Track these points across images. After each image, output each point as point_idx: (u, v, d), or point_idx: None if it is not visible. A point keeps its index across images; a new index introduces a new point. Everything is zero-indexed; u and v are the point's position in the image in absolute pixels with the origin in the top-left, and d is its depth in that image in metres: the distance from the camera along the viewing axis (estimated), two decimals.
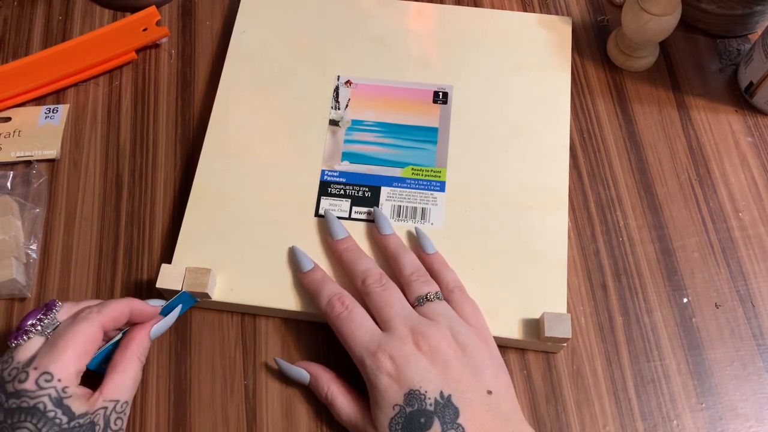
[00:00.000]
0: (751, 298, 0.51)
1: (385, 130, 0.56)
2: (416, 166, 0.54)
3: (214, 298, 0.49)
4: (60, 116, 0.58)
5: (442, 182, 0.53)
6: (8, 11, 0.64)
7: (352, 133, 0.55)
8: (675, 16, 0.54)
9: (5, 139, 0.56)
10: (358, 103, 0.57)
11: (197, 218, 0.52)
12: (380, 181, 0.54)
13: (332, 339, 0.50)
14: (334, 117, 0.56)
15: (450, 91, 0.57)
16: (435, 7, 0.61)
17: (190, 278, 0.48)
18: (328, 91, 0.57)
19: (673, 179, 0.55)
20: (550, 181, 0.53)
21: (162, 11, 0.63)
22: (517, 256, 0.51)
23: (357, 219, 0.52)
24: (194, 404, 0.48)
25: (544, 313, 0.47)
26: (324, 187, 0.53)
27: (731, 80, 0.60)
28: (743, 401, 0.48)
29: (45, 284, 0.52)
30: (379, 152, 0.55)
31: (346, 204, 0.53)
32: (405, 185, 0.53)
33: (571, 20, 0.60)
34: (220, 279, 0.50)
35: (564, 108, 0.56)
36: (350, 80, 0.57)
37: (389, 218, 0.52)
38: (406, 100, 0.57)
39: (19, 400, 0.39)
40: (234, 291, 0.50)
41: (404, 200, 0.53)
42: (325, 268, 0.50)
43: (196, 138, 0.57)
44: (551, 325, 0.46)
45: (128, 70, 0.61)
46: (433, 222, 0.52)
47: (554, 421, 0.47)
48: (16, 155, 0.56)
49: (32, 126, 0.57)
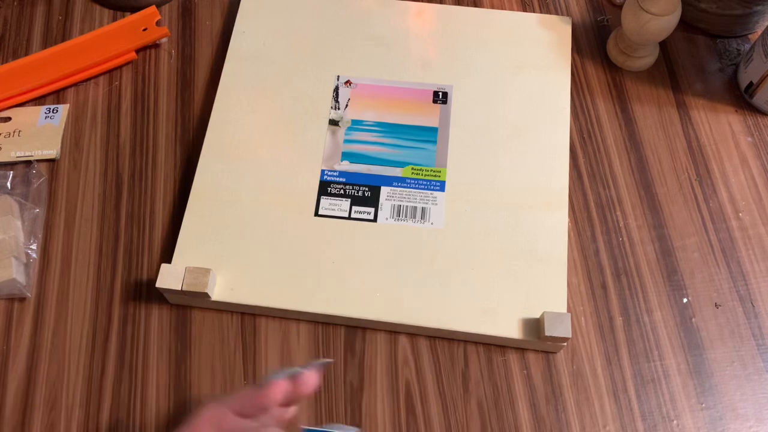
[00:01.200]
0: (751, 298, 0.51)
1: (384, 130, 0.56)
2: (416, 165, 0.54)
3: (213, 298, 0.49)
4: (60, 116, 0.58)
5: (442, 182, 0.53)
6: (8, 11, 0.64)
7: (351, 132, 0.55)
8: (675, 16, 0.54)
9: (5, 139, 0.56)
10: (357, 103, 0.57)
11: (197, 218, 0.52)
12: (380, 180, 0.54)
13: (331, 339, 0.50)
14: (333, 117, 0.56)
15: (450, 91, 0.57)
16: (435, 8, 0.61)
17: (190, 278, 0.48)
18: (328, 91, 0.57)
19: (673, 179, 0.55)
20: (551, 180, 0.53)
21: (162, 11, 0.63)
22: (517, 256, 0.51)
23: (357, 219, 0.52)
24: (194, 404, 0.48)
25: (545, 313, 0.47)
26: (324, 187, 0.53)
27: (731, 80, 0.60)
28: (743, 401, 0.48)
29: (45, 284, 0.52)
30: (379, 152, 0.55)
31: (346, 204, 0.53)
32: (405, 185, 0.53)
33: (571, 20, 0.60)
34: (220, 279, 0.50)
35: (564, 108, 0.56)
36: (350, 80, 0.57)
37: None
38: (406, 99, 0.57)
39: None
40: (234, 291, 0.50)
41: (404, 200, 0.53)
42: (320, 271, 0.50)
43: (196, 138, 0.57)
44: (551, 325, 0.46)
45: (128, 70, 0.61)
46: (434, 222, 0.52)
47: (554, 421, 0.47)
48: (16, 155, 0.56)
49: (32, 126, 0.57)
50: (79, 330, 0.50)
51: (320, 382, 0.44)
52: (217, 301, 0.49)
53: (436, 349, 0.49)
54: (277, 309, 0.49)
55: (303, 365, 0.41)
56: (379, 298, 0.49)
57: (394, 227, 0.52)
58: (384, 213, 0.52)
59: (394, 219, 0.52)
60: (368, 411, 0.48)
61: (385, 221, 0.52)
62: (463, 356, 0.49)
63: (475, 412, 0.48)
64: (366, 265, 0.50)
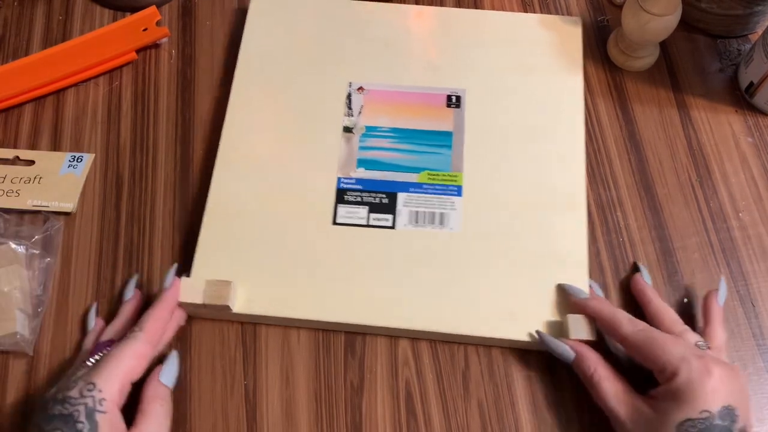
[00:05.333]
0: (751, 298, 0.51)
1: (399, 136, 0.55)
2: (432, 170, 0.54)
3: (234, 310, 0.49)
4: (83, 166, 0.56)
5: (459, 186, 0.53)
6: (8, 11, 0.64)
7: (366, 139, 0.55)
8: (675, 16, 0.54)
9: (25, 185, 0.55)
10: (371, 109, 0.56)
11: (214, 230, 0.51)
12: (397, 187, 0.53)
13: (329, 339, 0.50)
14: (347, 124, 0.56)
15: (463, 95, 0.57)
16: (444, 11, 0.61)
17: (211, 291, 0.48)
18: (341, 98, 0.57)
19: (673, 179, 0.55)
20: (567, 181, 0.53)
21: (162, 11, 0.63)
22: (537, 259, 0.50)
23: (375, 226, 0.52)
24: (194, 404, 0.48)
25: (568, 316, 0.47)
26: (341, 195, 0.53)
27: (731, 80, 0.60)
28: None
29: (45, 284, 0.52)
30: (395, 158, 0.54)
31: (364, 211, 0.52)
32: (422, 190, 0.53)
33: (581, 21, 0.60)
34: (240, 291, 0.49)
35: (578, 108, 0.56)
36: (362, 86, 0.57)
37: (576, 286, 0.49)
38: (420, 104, 0.56)
39: (62, 407, 0.40)
40: (254, 302, 0.49)
41: (422, 205, 0.52)
42: (341, 280, 0.50)
43: (195, 138, 0.57)
44: (575, 328, 0.46)
45: (128, 70, 0.61)
46: (452, 226, 0.52)
47: (555, 421, 0.47)
48: (33, 204, 0.54)
49: (54, 174, 0.55)
50: (79, 329, 0.50)
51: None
52: (238, 313, 0.49)
53: (437, 350, 0.49)
54: (299, 320, 0.49)
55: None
56: (402, 306, 0.49)
57: (413, 233, 0.51)
58: (402, 219, 0.52)
59: (413, 225, 0.52)
60: (368, 411, 0.48)
61: (403, 227, 0.52)
62: (464, 357, 0.49)
63: (476, 412, 0.48)
64: (388, 272, 0.50)
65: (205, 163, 0.56)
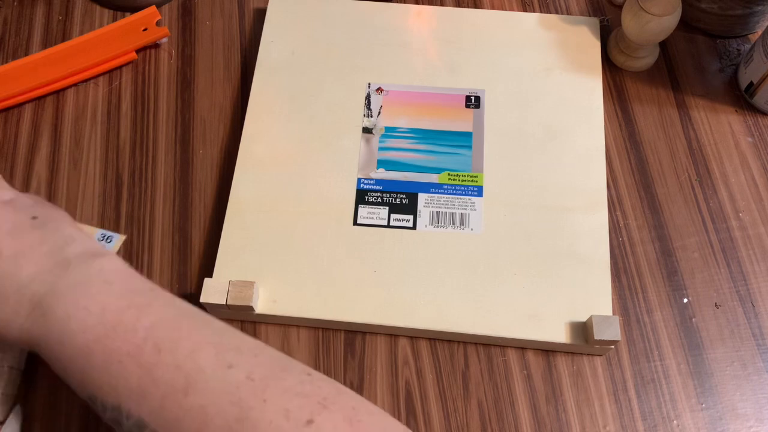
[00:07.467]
0: (751, 298, 0.51)
1: (419, 137, 0.55)
2: (452, 171, 0.54)
3: (258, 311, 0.49)
4: (113, 246, 0.53)
5: (480, 187, 0.53)
6: (8, 11, 0.64)
7: (386, 140, 0.55)
8: (675, 16, 0.54)
9: None
10: (390, 110, 0.56)
11: (235, 231, 0.51)
12: (417, 187, 0.53)
13: (329, 339, 0.50)
14: (367, 125, 0.56)
15: (482, 95, 0.57)
16: (464, 12, 0.61)
17: (234, 292, 0.48)
18: (360, 99, 0.57)
19: (673, 179, 0.55)
20: (588, 182, 0.53)
21: (162, 11, 0.63)
22: (559, 259, 0.50)
23: (395, 227, 0.52)
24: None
25: (593, 316, 0.47)
26: (361, 195, 0.53)
27: (731, 80, 0.60)
28: (743, 401, 0.48)
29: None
30: (415, 159, 0.54)
31: (384, 212, 0.52)
32: (442, 191, 0.53)
33: (599, 21, 0.60)
34: (262, 291, 0.49)
35: (597, 108, 0.56)
36: (381, 87, 0.57)
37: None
38: (439, 105, 0.56)
39: None
40: (277, 303, 0.49)
41: (442, 206, 0.52)
42: (362, 280, 0.49)
43: (195, 138, 0.57)
44: (600, 329, 0.46)
45: (128, 70, 0.61)
46: (473, 227, 0.52)
47: (554, 421, 0.47)
48: None
49: None
50: None
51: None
52: (260, 314, 0.49)
53: (436, 350, 0.49)
54: (321, 320, 0.49)
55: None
56: (424, 306, 0.49)
57: (434, 234, 0.51)
58: (423, 220, 0.52)
59: (434, 226, 0.52)
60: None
61: (424, 228, 0.52)
62: (464, 357, 0.49)
63: (476, 412, 0.48)
64: (409, 273, 0.50)
65: (205, 163, 0.56)
